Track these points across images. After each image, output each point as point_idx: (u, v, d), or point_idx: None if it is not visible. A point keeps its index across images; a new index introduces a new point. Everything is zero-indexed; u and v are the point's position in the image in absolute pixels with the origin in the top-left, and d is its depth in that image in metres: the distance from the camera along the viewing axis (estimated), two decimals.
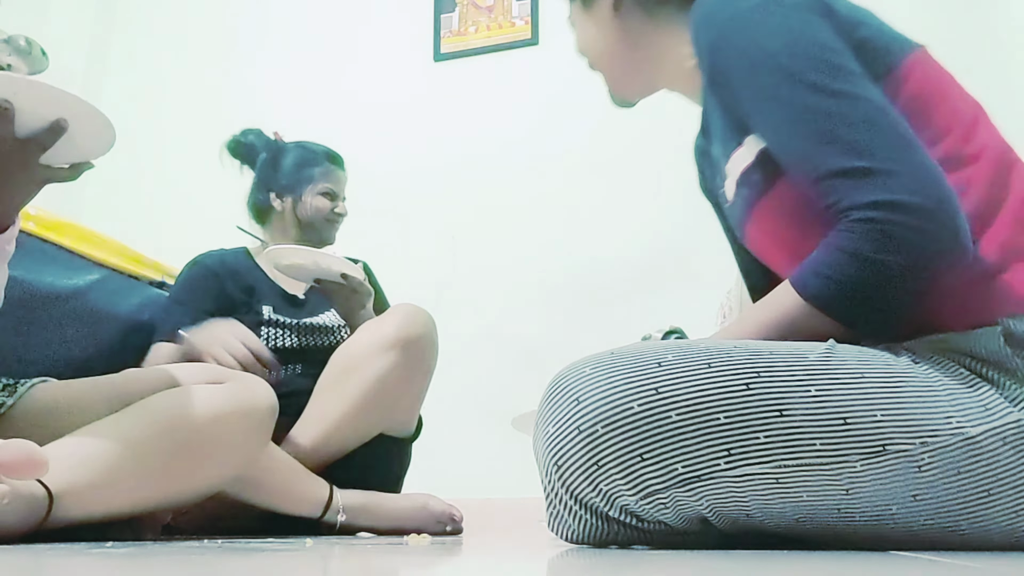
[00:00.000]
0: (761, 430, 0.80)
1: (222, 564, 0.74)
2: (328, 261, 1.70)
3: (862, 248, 0.82)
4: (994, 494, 0.80)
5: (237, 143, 1.97)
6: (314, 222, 1.92)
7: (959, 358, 0.84)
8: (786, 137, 0.89)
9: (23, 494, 0.90)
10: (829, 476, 0.80)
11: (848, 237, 0.83)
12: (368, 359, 1.60)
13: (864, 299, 0.85)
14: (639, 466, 0.82)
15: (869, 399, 0.80)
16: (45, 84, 0.97)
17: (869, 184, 0.83)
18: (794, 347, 0.85)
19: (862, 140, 0.84)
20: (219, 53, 3.59)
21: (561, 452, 0.85)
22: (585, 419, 0.83)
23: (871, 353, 0.85)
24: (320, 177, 1.93)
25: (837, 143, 0.85)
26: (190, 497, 1.15)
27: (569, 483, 0.85)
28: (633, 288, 2.85)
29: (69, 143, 1.01)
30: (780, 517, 0.84)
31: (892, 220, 0.81)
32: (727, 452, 0.80)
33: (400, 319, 1.64)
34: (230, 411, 1.15)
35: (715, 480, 0.81)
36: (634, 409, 0.81)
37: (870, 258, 0.82)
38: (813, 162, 0.86)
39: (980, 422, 0.79)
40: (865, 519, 0.83)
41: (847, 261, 0.83)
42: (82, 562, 0.73)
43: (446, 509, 1.59)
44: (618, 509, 0.86)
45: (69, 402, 1.13)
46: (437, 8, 3.33)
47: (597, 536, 0.89)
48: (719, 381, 0.81)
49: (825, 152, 0.85)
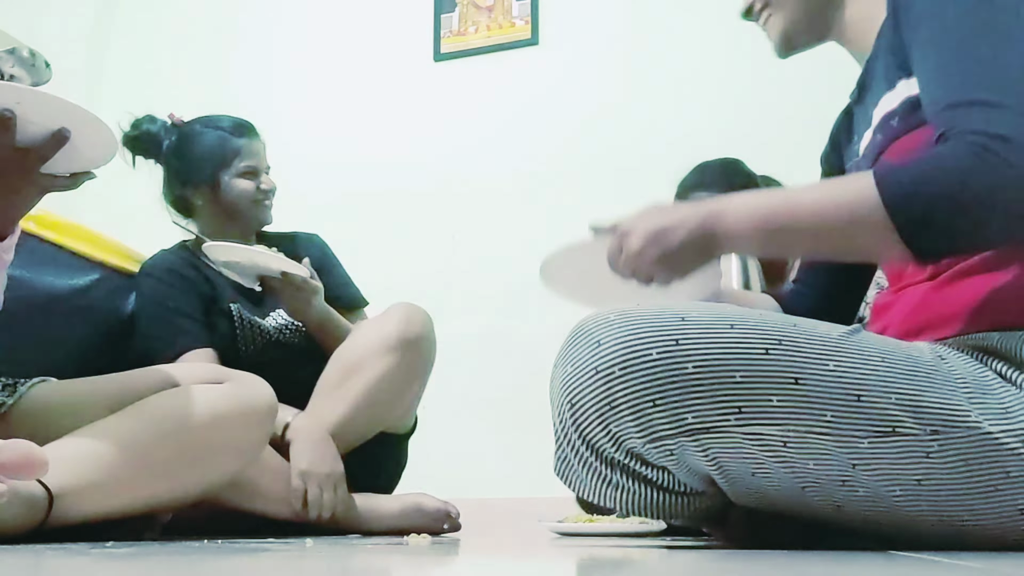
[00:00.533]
0: (775, 394, 0.81)
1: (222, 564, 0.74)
2: (265, 259, 1.60)
3: (961, 165, 0.79)
4: (1001, 490, 0.80)
5: (134, 137, 1.75)
6: (240, 207, 1.74)
7: (989, 360, 0.85)
8: (933, 63, 0.87)
9: (23, 494, 0.90)
10: (837, 448, 0.81)
11: (951, 153, 0.80)
12: (369, 360, 1.59)
13: (940, 220, 0.81)
14: (651, 411, 0.82)
15: (885, 381, 0.81)
16: (48, 94, 0.98)
17: (986, 115, 0.80)
18: (818, 324, 0.85)
19: (1002, 78, 0.82)
20: (219, 53, 3.58)
21: (577, 392, 0.86)
22: (603, 361, 0.84)
23: (895, 343, 0.86)
24: (234, 156, 1.74)
25: (980, 76, 0.82)
26: (190, 497, 1.15)
27: (580, 423, 0.86)
28: None
29: (71, 152, 1.02)
30: (784, 481, 0.84)
31: (997, 151, 0.77)
32: (738, 410, 0.81)
33: (400, 320, 1.62)
34: (230, 411, 1.15)
35: (723, 435, 0.82)
36: (652, 356, 0.82)
37: (963, 179, 0.78)
38: (948, 88, 0.84)
39: (999, 421, 0.80)
40: (869, 496, 0.83)
41: (940, 176, 0.80)
42: (82, 562, 0.73)
43: (441, 507, 1.57)
44: (625, 452, 0.87)
45: (69, 402, 1.13)
46: (437, 8, 3.33)
47: (602, 485, 0.90)
48: (740, 341, 0.82)
49: (962, 83, 0.83)
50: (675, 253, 0.91)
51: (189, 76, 3.57)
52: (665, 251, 0.91)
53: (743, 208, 0.90)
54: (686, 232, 0.90)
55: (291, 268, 1.60)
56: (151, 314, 1.68)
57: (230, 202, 1.74)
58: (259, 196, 1.75)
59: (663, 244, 0.91)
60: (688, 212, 0.92)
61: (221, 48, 3.59)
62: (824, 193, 0.90)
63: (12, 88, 0.96)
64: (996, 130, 0.78)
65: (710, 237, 0.90)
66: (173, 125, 1.78)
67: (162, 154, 1.77)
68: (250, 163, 1.75)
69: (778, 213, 0.89)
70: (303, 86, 3.41)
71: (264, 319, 1.73)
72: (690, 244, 0.91)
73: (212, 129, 1.76)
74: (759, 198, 0.93)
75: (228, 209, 1.75)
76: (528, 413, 1.25)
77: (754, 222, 0.89)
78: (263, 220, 1.78)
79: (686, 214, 0.91)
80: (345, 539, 1.33)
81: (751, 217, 0.89)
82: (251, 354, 1.68)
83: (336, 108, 3.34)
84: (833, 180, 0.92)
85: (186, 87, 3.55)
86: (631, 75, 3.04)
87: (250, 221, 1.77)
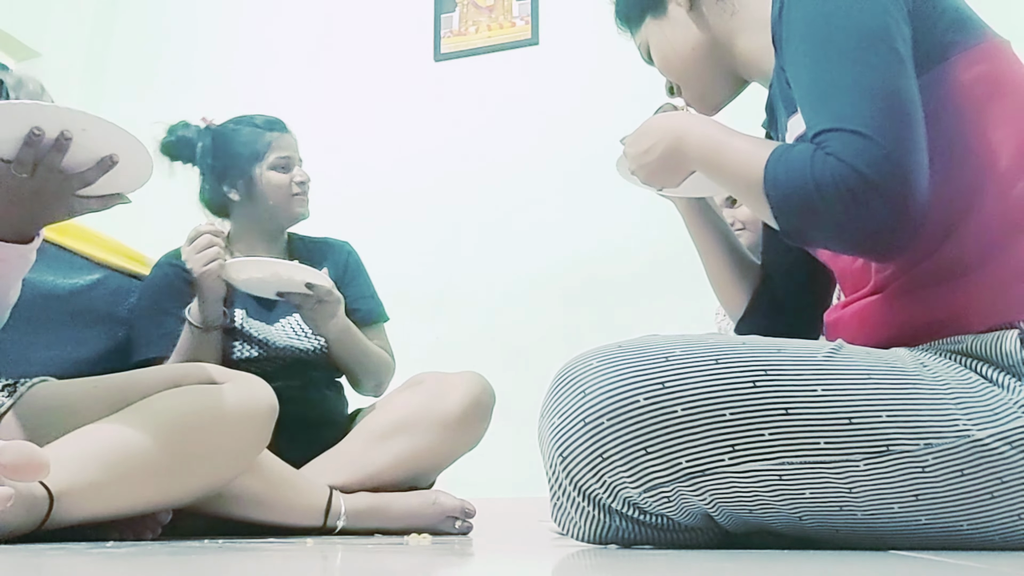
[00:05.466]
0: (766, 427, 0.80)
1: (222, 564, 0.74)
2: (290, 271, 1.56)
3: (823, 181, 0.81)
4: (997, 496, 0.80)
5: (170, 143, 1.76)
6: (275, 200, 1.74)
7: (970, 362, 0.85)
8: (803, 91, 0.90)
9: (24, 495, 0.90)
10: (832, 475, 0.81)
11: (820, 168, 0.82)
12: (423, 427, 1.58)
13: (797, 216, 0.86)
14: (643, 459, 0.82)
15: (875, 400, 0.80)
16: (106, 121, 0.99)
17: (850, 144, 0.81)
18: (802, 346, 0.85)
19: (866, 110, 0.83)
20: (218, 54, 3.59)
21: (566, 444, 0.85)
22: (591, 411, 0.83)
23: (878, 354, 0.86)
24: (266, 149, 1.74)
25: (842, 106, 0.84)
26: (190, 497, 1.15)
27: (574, 475, 0.86)
28: (634, 286, 2.85)
29: (110, 176, 1.03)
30: (782, 513, 0.84)
31: (856, 184, 0.80)
32: (731, 448, 0.81)
33: (466, 396, 1.60)
34: (230, 412, 1.15)
35: (719, 475, 0.82)
36: (640, 403, 0.82)
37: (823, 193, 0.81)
38: (817, 116, 0.86)
39: (987, 426, 0.79)
40: (867, 517, 0.83)
41: (804, 186, 0.83)
42: (82, 562, 0.73)
43: (458, 504, 1.56)
44: (622, 502, 0.86)
45: (69, 402, 1.13)
46: (437, 8, 3.33)
47: (600, 530, 0.89)
48: (726, 378, 0.81)
49: (827, 111, 0.85)
50: (658, 170, 1.04)
51: (189, 76, 3.57)
52: (650, 169, 1.05)
53: (697, 136, 0.99)
54: (659, 153, 1.03)
55: (316, 279, 1.56)
56: (143, 310, 1.69)
57: (265, 195, 1.74)
58: (294, 188, 1.75)
59: (646, 163, 1.05)
60: (661, 134, 1.03)
61: (221, 48, 3.60)
62: (747, 148, 0.93)
63: (82, 115, 0.98)
64: (853, 162, 0.80)
65: (679, 157, 1.01)
66: (207, 128, 1.79)
67: (197, 156, 1.78)
68: (283, 155, 1.75)
69: (719, 149, 0.95)
70: (303, 86, 3.41)
71: (271, 325, 1.70)
72: (665, 162, 1.03)
73: (244, 126, 1.78)
74: (709, 131, 0.98)
75: (263, 203, 1.74)
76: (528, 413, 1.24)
77: (700, 151, 0.98)
78: (298, 213, 1.77)
79: (660, 136, 1.03)
80: (345, 539, 1.33)
81: (698, 144, 0.98)
82: (251, 361, 1.65)
83: (336, 108, 3.34)
84: (760, 140, 0.95)
85: (186, 87, 3.55)
86: (631, 75, 3.04)
87: (286, 214, 1.76)
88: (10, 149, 0.98)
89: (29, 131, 0.96)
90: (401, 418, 1.60)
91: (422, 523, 1.51)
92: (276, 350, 1.68)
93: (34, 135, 0.96)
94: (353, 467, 1.55)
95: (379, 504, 1.51)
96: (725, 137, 0.96)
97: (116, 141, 1.01)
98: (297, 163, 1.79)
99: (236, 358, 1.65)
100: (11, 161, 0.98)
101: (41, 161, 0.98)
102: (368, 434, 1.60)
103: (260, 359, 1.67)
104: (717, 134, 0.97)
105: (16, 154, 0.97)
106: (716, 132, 0.97)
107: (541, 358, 1.81)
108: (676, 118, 1.03)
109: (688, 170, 1.03)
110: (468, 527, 1.58)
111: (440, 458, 1.62)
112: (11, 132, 0.96)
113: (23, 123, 0.96)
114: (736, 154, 0.93)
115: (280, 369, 1.67)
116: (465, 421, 1.60)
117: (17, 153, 0.97)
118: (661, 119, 1.04)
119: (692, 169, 1.02)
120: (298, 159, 1.79)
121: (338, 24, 3.47)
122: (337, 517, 1.45)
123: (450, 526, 1.55)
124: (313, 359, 1.71)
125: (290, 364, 1.69)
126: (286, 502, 1.40)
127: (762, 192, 0.87)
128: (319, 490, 1.46)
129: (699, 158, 0.98)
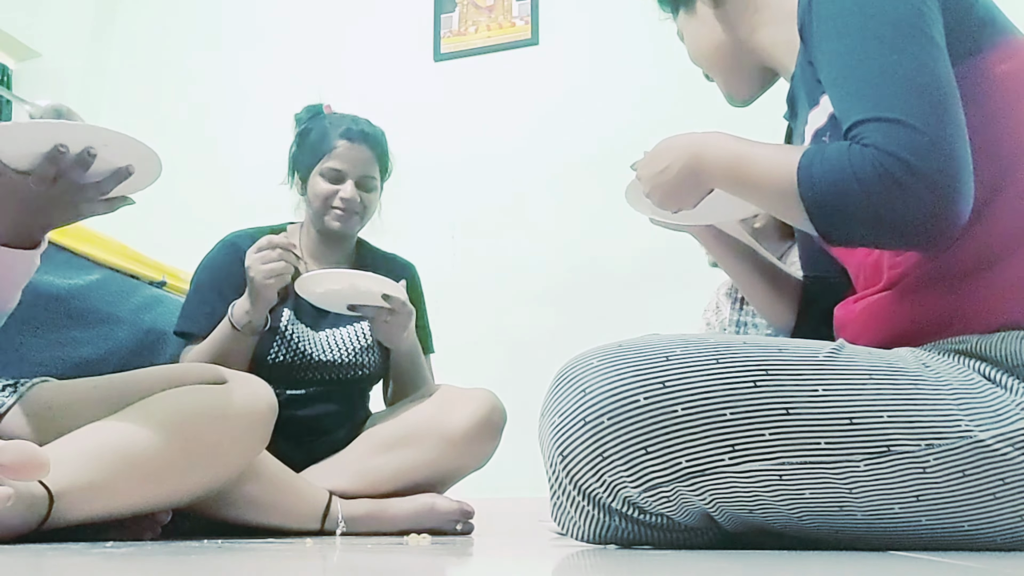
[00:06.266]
0: (767, 427, 0.80)
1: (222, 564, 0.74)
2: (367, 282, 1.50)
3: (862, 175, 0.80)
4: (999, 497, 0.80)
5: (297, 118, 1.76)
6: (316, 210, 1.66)
7: (974, 362, 0.85)
8: (836, 81, 0.88)
9: (23, 495, 0.90)
10: (833, 475, 0.80)
11: (859, 162, 0.81)
12: (428, 441, 1.55)
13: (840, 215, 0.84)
14: (643, 459, 0.82)
15: (876, 400, 0.80)
16: (126, 136, 1.00)
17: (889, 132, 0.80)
18: (803, 345, 0.85)
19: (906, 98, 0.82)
20: (219, 54, 3.59)
21: (566, 443, 0.85)
22: (591, 411, 0.83)
23: (880, 354, 0.86)
24: (325, 153, 1.65)
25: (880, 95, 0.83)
26: (190, 497, 1.15)
27: (574, 474, 0.86)
28: (634, 285, 2.85)
29: (122, 184, 1.04)
30: (782, 513, 0.84)
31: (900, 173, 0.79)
32: (731, 448, 0.81)
33: (474, 413, 1.57)
34: (230, 411, 1.15)
35: (719, 475, 0.81)
36: (640, 402, 0.81)
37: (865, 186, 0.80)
38: (853, 107, 0.85)
39: (990, 426, 0.79)
40: (867, 517, 0.83)
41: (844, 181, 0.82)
42: (82, 562, 0.73)
43: (456, 507, 1.55)
44: (621, 501, 0.86)
45: (69, 402, 1.13)
46: (437, 8, 3.33)
47: (600, 530, 0.89)
48: (727, 377, 0.81)
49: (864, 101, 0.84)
50: (674, 190, 1.02)
51: (189, 76, 3.57)
52: (666, 189, 1.02)
53: (717, 150, 0.97)
54: (676, 171, 1.00)
55: (392, 290, 1.51)
56: (196, 282, 1.65)
57: (308, 200, 1.68)
58: (335, 202, 1.65)
59: (662, 183, 1.02)
60: (678, 152, 1.00)
61: (221, 48, 3.59)
62: (774, 156, 0.92)
63: (107, 132, 1.00)
64: (896, 151, 0.79)
65: (698, 173, 0.99)
66: (314, 114, 1.76)
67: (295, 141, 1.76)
68: (337, 166, 1.65)
69: (741, 162, 0.94)
70: (303, 86, 3.40)
71: (317, 332, 1.65)
72: (683, 180, 1.00)
73: (327, 124, 1.70)
74: (730, 145, 0.96)
75: (310, 207, 1.69)
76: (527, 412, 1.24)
77: (722, 166, 0.96)
78: (333, 228, 1.67)
79: (676, 155, 1.00)
80: (345, 539, 1.33)
81: (719, 160, 0.96)
82: (283, 366, 1.61)
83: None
84: (784, 146, 0.95)
85: (185, 87, 3.55)
86: (631, 75, 3.04)
87: (320, 226, 1.68)
88: (30, 163, 0.98)
89: (53, 148, 0.97)
90: (407, 430, 1.58)
91: (421, 526, 1.50)
92: (311, 361, 1.64)
93: (59, 151, 0.97)
94: (355, 474, 1.54)
95: (377, 509, 1.51)
96: (747, 147, 0.94)
97: (133, 152, 1.02)
98: (355, 179, 1.67)
99: (270, 360, 1.61)
100: (30, 173, 0.99)
101: (63, 175, 0.99)
102: (373, 442, 1.59)
103: (293, 365, 1.63)
104: (738, 145, 0.95)
105: (36, 168, 0.98)
106: (736, 143, 0.96)
107: (542, 358, 1.81)
108: (692, 136, 1.01)
109: (706, 189, 1.01)
110: (469, 528, 1.58)
111: (443, 473, 1.59)
112: (33, 148, 0.97)
113: (46, 141, 0.97)
114: (762, 161, 0.92)
115: (311, 380, 1.65)
116: (471, 438, 1.57)
117: (37, 167, 0.98)
118: (676, 138, 1.03)
119: (710, 187, 1.00)
120: (359, 176, 1.68)
121: (338, 24, 3.47)
122: (335, 522, 1.45)
123: (451, 527, 1.54)
124: (349, 376, 1.68)
125: (323, 377, 1.66)
126: (285, 505, 1.40)
127: (795, 196, 0.86)
128: (318, 494, 1.46)
129: (721, 172, 0.96)
